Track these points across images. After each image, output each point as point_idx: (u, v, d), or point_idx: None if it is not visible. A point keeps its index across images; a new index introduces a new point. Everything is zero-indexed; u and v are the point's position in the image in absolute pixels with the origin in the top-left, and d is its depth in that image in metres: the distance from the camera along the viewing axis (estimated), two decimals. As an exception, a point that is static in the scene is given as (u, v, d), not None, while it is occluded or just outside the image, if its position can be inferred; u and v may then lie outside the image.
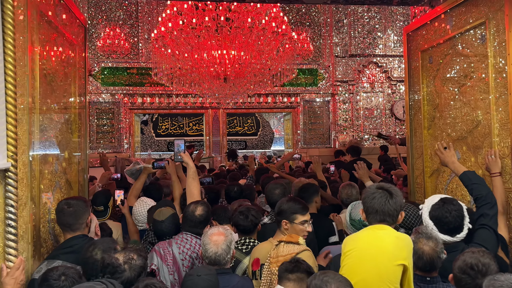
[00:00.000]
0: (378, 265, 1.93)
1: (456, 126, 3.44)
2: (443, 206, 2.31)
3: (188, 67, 6.67)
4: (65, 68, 3.33)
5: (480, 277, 1.71)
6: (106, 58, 9.76)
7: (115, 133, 9.81)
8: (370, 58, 10.63)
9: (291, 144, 11.17)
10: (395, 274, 1.92)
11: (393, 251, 1.95)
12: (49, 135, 2.96)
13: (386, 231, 2.03)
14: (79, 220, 2.51)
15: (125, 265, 1.87)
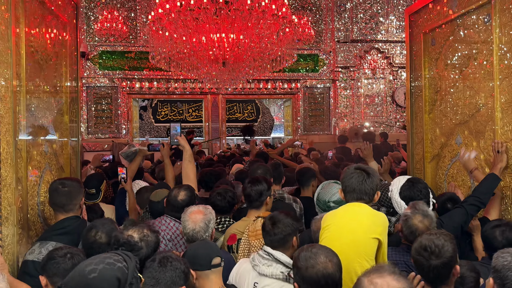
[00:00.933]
0: (355, 238, 2.03)
1: (458, 110, 3.34)
2: (413, 186, 2.50)
3: (186, 51, 6.54)
4: (56, 48, 3.23)
5: (434, 258, 1.73)
6: (104, 42, 9.62)
7: (114, 118, 9.71)
8: (372, 44, 10.47)
9: (291, 131, 11.07)
10: (371, 247, 2.02)
11: (369, 226, 2.06)
12: (38, 116, 2.88)
13: (363, 208, 2.14)
14: (73, 201, 2.46)
15: (142, 242, 1.83)
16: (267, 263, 2.04)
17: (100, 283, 1.22)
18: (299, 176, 3.69)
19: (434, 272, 1.74)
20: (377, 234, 2.03)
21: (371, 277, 1.33)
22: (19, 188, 2.41)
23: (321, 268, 1.63)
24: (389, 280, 1.30)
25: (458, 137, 3.35)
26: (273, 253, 2.05)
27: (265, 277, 2.02)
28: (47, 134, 3.01)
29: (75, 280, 1.25)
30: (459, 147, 3.34)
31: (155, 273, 1.61)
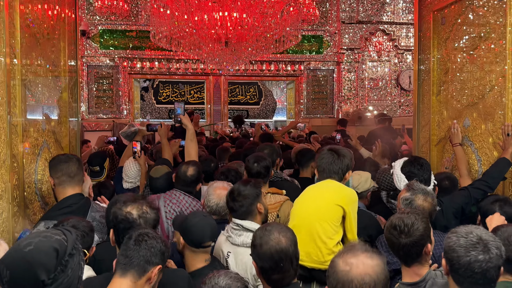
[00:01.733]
0: (318, 204, 2.22)
1: (467, 91, 3.25)
2: (414, 161, 2.62)
3: (188, 30, 6.40)
4: (54, 24, 3.13)
5: (404, 237, 1.76)
6: (104, 20, 9.45)
7: (115, 99, 9.61)
8: (377, 26, 10.26)
9: (293, 113, 10.96)
10: (333, 213, 2.17)
11: (332, 194, 2.24)
12: (35, 91, 2.79)
13: (331, 183, 2.31)
14: (81, 172, 2.49)
15: (140, 219, 1.80)
16: (238, 233, 2.17)
17: (37, 254, 1.17)
18: (298, 157, 3.75)
19: (404, 250, 1.77)
20: (340, 202, 2.19)
21: (345, 257, 1.35)
22: (14, 165, 2.34)
23: (274, 244, 1.67)
24: (363, 259, 1.33)
25: (466, 119, 3.26)
26: (242, 223, 2.16)
27: (238, 247, 2.14)
28: (45, 111, 2.94)
29: (11, 255, 1.20)
30: (467, 129, 3.25)
31: (128, 251, 1.54)
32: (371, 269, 1.31)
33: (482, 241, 1.49)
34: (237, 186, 2.28)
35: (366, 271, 1.30)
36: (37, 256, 1.17)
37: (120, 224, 1.78)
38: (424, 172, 2.56)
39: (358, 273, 1.30)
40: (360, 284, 1.28)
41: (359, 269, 1.31)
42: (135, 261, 1.52)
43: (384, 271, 1.34)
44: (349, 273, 1.31)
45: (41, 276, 1.15)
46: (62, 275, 1.18)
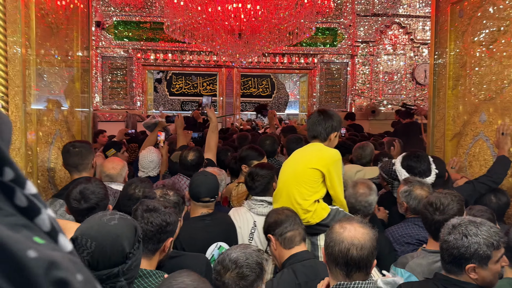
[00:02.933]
0: (295, 168, 2.33)
1: (485, 86, 3.18)
2: (411, 154, 2.71)
3: (202, 21, 6.38)
4: (67, 14, 3.14)
5: (438, 214, 1.92)
6: (119, 12, 9.48)
7: (128, 90, 9.66)
8: (393, 18, 10.10)
9: (306, 107, 10.90)
10: (309, 176, 2.27)
11: (310, 158, 2.31)
12: (49, 81, 2.82)
13: (314, 145, 2.38)
14: (85, 160, 2.57)
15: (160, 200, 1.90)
16: (263, 205, 2.51)
17: (122, 228, 1.25)
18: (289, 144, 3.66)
19: (436, 226, 1.90)
20: (316, 165, 2.27)
21: (341, 223, 1.55)
22: (28, 153, 2.37)
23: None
24: (356, 226, 1.52)
25: (482, 114, 3.20)
26: (264, 199, 2.52)
27: (262, 216, 2.34)
28: (58, 100, 2.96)
29: (94, 228, 1.25)
30: (483, 125, 3.19)
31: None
32: (361, 235, 1.49)
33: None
34: (254, 169, 2.61)
35: (356, 235, 1.49)
36: (122, 229, 1.25)
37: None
38: (421, 164, 2.64)
39: (349, 236, 1.48)
40: (349, 244, 1.47)
41: (350, 232, 1.49)
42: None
43: (372, 240, 1.51)
44: (342, 234, 1.50)
45: (127, 248, 1.23)
46: (137, 252, 1.27)
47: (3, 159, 0.43)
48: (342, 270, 1.50)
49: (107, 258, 1.21)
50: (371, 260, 1.51)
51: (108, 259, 1.21)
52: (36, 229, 0.42)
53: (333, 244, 1.50)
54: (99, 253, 1.21)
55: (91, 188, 1.96)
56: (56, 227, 0.44)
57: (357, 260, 1.47)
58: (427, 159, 2.69)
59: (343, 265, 1.49)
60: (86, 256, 1.20)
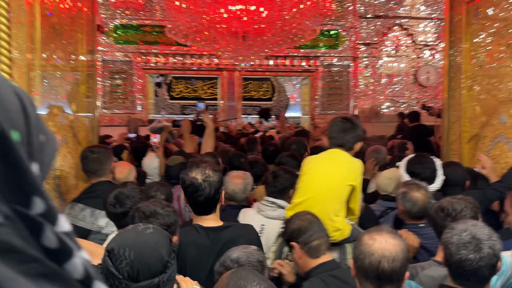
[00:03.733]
0: (331, 183, 2.19)
1: (504, 86, 3.08)
2: (415, 159, 2.64)
3: (204, 24, 6.28)
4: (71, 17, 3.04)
5: (449, 220, 1.81)
6: (119, 15, 9.37)
7: (128, 94, 9.54)
8: (395, 20, 10.03)
9: (308, 109, 10.80)
10: (345, 193, 2.19)
11: (346, 173, 2.21)
12: (53, 84, 2.70)
13: (342, 155, 2.25)
14: (103, 166, 2.58)
15: (205, 183, 1.90)
16: (272, 208, 2.47)
17: (158, 236, 1.24)
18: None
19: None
20: (352, 181, 2.19)
21: (371, 233, 1.48)
22: (34, 161, 2.25)
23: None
24: (386, 237, 1.45)
25: (502, 116, 3.10)
26: (276, 201, 2.48)
27: (271, 220, 2.42)
28: (62, 105, 2.85)
29: (130, 238, 1.23)
30: (503, 126, 3.09)
31: None
32: (392, 247, 1.42)
33: (475, 240, 1.49)
34: (279, 169, 2.61)
35: (387, 247, 1.42)
36: (158, 237, 1.24)
37: (188, 188, 1.91)
38: (425, 170, 2.55)
39: (380, 248, 1.41)
40: (380, 257, 1.40)
41: (381, 244, 1.42)
42: None
43: (404, 251, 1.44)
44: (372, 246, 1.43)
45: (165, 256, 1.21)
46: (174, 262, 1.25)
47: (33, 187, 0.36)
48: (373, 284, 1.43)
49: (147, 267, 1.18)
50: (403, 272, 1.44)
51: (148, 268, 1.18)
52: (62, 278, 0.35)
53: (363, 256, 1.44)
54: (139, 262, 1.17)
55: (126, 192, 1.97)
56: (91, 273, 0.38)
57: (389, 273, 1.41)
58: (432, 165, 2.59)
59: (374, 278, 1.42)
60: (125, 267, 1.16)
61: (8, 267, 0.32)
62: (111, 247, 1.20)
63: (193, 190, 1.89)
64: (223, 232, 1.92)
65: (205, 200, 1.89)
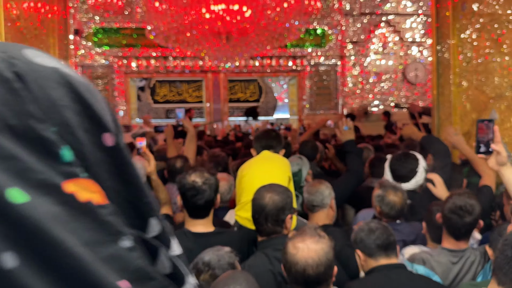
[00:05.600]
0: (274, 176, 2.32)
1: (494, 82, 2.97)
2: (399, 156, 2.67)
3: (186, 25, 6.11)
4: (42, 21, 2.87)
5: (467, 216, 1.93)
6: (98, 18, 9.15)
7: (110, 99, 9.31)
8: (381, 18, 9.95)
9: (296, 110, 10.68)
10: (285, 184, 2.30)
11: (283, 166, 2.44)
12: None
13: (274, 154, 2.52)
14: None
15: (205, 186, 1.96)
16: None
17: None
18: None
19: (467, 228, 1.96)
20: (288, 172, 2.42)
21: (294, 241, 1.56)
22: None
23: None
24: (309, 243, 1.52)
25: (493, 112, 2.99)
26: None
27: None
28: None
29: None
30: (495, 123, 2.97)
31: None
32: (315, 253, 1.50)
33: None
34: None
35: (309, 254, 1.50)
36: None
37: (188, 192, 1.95)
38: (403, 168, 2.60)
39: (303, 256, 1.50)
40: (304, 265, 1.49)
41: (304, 252, 1.51)
42: None
43: (327, 254, 1.52)
44: (296, 256, 1.52)
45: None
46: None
47: (150, 207, 0.35)
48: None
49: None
50: (329, 273, 1.54)
51: None
52: None
53: (289, 266, 1.54)
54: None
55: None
56: None
57: (314, 277, 1.51)
58: (413, 165, 2.59)
59: (302, 284, 1.53)
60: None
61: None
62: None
63: (193, 194, 1.94)
64: (214, 238, 1.95)
65: (205, 203, 1.96)
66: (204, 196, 1.94)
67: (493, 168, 1.96)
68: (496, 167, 1.92)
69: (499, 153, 1.86)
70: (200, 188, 1.93)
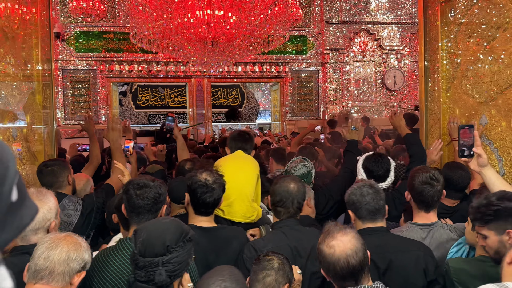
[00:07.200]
0: (246, 173, 2.62)
1: (483, 86, 3.02)
2: (372, 157, 2.81)
3: (171, 30, 6.02)
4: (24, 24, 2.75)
5: (437, 184, 2.17)
6: (80, 22, 8.97)
7: (92, 104, 9.11)
8: (361, 26, 10.10)
9: (278, 116, 10.69)
10: (255, 180, 2.64)
11: (253, 165, 2.69)
12: (4, 94, 2.41)
13: (245, 154, 2.76)
14: (59, 178, 2.56)
15: (215, 184, 2.07)
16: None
17: (170, 225, 1.51)
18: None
19: (438, 195, 2.19)
20: (257, 171, 2.67)
21: (326, 242, 1.61)
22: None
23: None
24: (340, 238, 1.59)
25: (483, 117, 3.03)
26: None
27: None
28: (15, 117, 2.55)
29: (151, 223, 1.57)
30: (484, 128, 3.02)
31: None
32: (350, 243, 1.57)
33: None
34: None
35: (346, 246, 1.56)
36: (169, 226, 1.51)
37: (199, 189, 2.06)
38: (379, 169, 2.75)
39: (342, 251, 1.56)
40: (346, 258, 1.55)
41: (340, 247, 1.57)
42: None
43: (359, 239, 1.60)
44: (335, 253, 1.57)
45: (168, 242, 1.45)
46: (180, 250, 1.47)
47: None
48: (351, 282, 1.58)
49: (152, 247, 1.44)
50: (367, 256, 1.61)
51: (152, 248, 1.44)
52: None
53: (333, 265, 1.57)
54: (147, 241, 1.45)
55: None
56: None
57: (358, 265, 1.56)
58: (387, 165, 2.79)
59: (350, 276, 1.57)
60: (139, 244, 1.46)
61: None
62: (136, 228, 1.58)
63: (204, 191, 2.05)
64: (218, 232, 2.12)
65: (214, 200, 2.08)
66: (213, 194, 2.05)
67: (475, 169, 2.07)
68: (478, 169, 2.04)
69: (480, 156, 2.00)
70: (210, 186, 2.04)
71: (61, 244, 1.52)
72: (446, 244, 2.17)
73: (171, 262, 1.45)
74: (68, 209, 2.47)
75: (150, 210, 1.88)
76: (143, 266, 1.43)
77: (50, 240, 1.52)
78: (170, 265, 1.44)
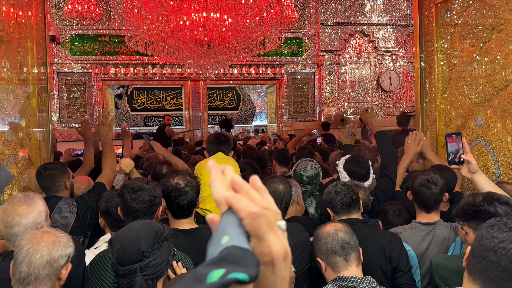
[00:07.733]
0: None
1: (479, 88, 3.03)
2: (353, 159, 2.93)
3: (168, 32, 6.01)
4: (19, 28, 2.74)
5: (434, 187, 2.25)
6: (75, 25, 8.94)
7: (87, 107, 9.08)
8: (356, 27, 10.13)
9: (274, 118, 10.69)
10: None
11: (233, 166, 2.67)
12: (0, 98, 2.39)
13: (225, 155, 2.91)
14: (56, 183, 2.55)
15: (187, 187, 2.06)
16: None
17: (142, 231, 1.50)
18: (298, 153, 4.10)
19: (435, 198, 2.25)
20: (238, 171, 2.69)
21: (321, 231, 1.83)
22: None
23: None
24: (331, 225, 1.83)
25: (478, 118, 3.04)
26: None
27: None
28: (11, 119, 2.54)
29: (123, 231, 1.54)
30: (480, 129, 3.03)
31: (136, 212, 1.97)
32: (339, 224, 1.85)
33: None
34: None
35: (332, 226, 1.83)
36: (142, 232, 1.50)
37: (171, 194, 2.05)
38: (362, 169, 2.88)
39: (328, 231, 1.81)
40: (334, 232, 1.79)
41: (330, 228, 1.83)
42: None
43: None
44: (329, 235, 1.79)
45: (142, 248, 1.46)
46: (157, 253, 1.48)
47: None
48: (340, 255, 1.76)
49: (127, 255, 1.45)
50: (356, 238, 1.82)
51: (128, 256, 1.45)
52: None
53: (325, 246, 1.78)
54: (122, 251, 1.46)
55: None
56: None
57: (347, 240, 1.77)
58: (367, 164, 2.93)
59: (340, 249, 1.76)
60: (115, 254, 1.47)
61: None
62: (111, 238, 1.55)
63: (177, 195, 2.04)
64: (200, 232, 2.10)
65: (188, 203, 2.06)
66: (186, 197, 2.04)
67: (466, 176, 2.08)
68: (469, 175, 2.05)
69: (469, 162, 2.02)
70: (183, 190, 2.04)
71: (40, 246, 1.48)
72: (447, 242, 2.25)
73: (149, 266, 1.47)
74: (64, 211, 2.45)
75: (146, 213, 1.89)
76: (124, 274, 1.45)
77: (29, 244, 1.48)
78: (149, 269, 1.46)
